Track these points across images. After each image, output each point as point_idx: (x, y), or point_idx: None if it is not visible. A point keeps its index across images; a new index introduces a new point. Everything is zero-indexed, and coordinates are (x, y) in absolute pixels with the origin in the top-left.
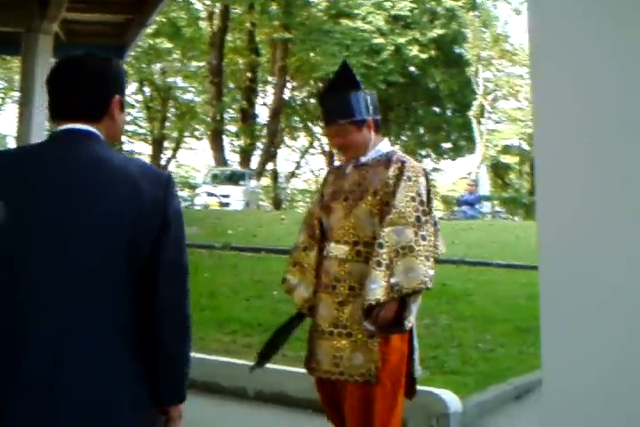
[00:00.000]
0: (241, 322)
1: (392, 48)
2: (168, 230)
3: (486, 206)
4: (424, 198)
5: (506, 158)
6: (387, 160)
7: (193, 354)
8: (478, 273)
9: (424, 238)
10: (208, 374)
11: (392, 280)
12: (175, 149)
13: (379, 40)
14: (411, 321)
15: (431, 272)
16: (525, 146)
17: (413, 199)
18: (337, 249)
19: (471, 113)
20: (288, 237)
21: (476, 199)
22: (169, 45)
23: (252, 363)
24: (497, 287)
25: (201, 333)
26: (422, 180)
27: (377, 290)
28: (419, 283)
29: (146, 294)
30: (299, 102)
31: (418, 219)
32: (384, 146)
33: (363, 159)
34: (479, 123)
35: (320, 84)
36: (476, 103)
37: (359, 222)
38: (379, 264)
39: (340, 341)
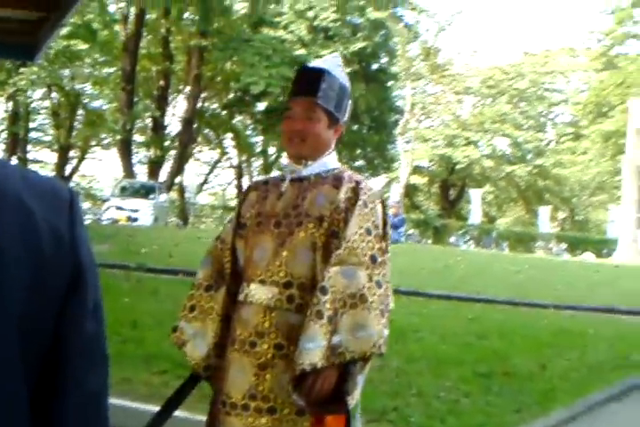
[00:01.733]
0: (171, 360)
1: (314, 59)
2: (80, 289)
3: None
4: (381, 231)
5: (414, 179)
6: (335, 178)
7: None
8: (419, 305)
9: (379, 285)
10: None
11: (335, 339)
12: (81, 159)
13: (300, 51)
14: (354, 398)
15: (386, 332)
16: (434, 167)
17: (369, 232)
18: (260, 292)
19: (397, 130)
20: None
21: (400, 222)
22: (83, 47)
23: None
24: (443, 322)
25: (127, 371)
26: (379, 208)
27: (314, 351)
28: (370, 346)
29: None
30: (211, 113)
31: (373, 259)
32: (332, 160)
33: (304, 171)
34: (408, 141)
35: (234, 96)
36: (402, 120)
37: (294, 257)
38: (319, 316)
39: (259, 418)
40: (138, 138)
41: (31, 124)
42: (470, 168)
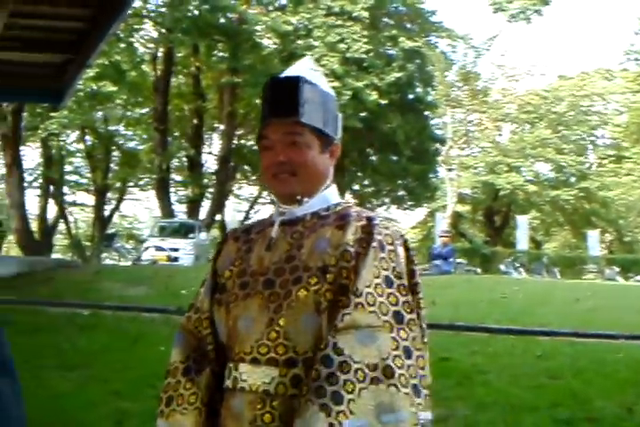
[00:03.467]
0: None
1: (349, 92)
2: None
3: None
4: (405, 282)
5: (458, 207)
6: (340, 217)
7: None
8: (481, 342)
9: (408, 353)
10: None
11: (349, 424)
12: (119, 200)
13: (334, 84)
14: None
15: (424, 416)
16: (477, 194)
17: (389, 282)
18: (254, 375)
19: (440, 159)
20: None
21: (450, 252)
22: (113, 88)
23: None
24: (511, 361)
25: None
26: (401, 250)
27: None
28: None
29: None
30: (247, 149)
31: (398, 317)
32: (333, 194)
33: (298, 211)
34: (450, 169)
35: None
36: (444, 148)
37: (296, 326)
38: (319, 393)
39: None
40: (176, 177)
41: (67, 168)
42: (514, 194)
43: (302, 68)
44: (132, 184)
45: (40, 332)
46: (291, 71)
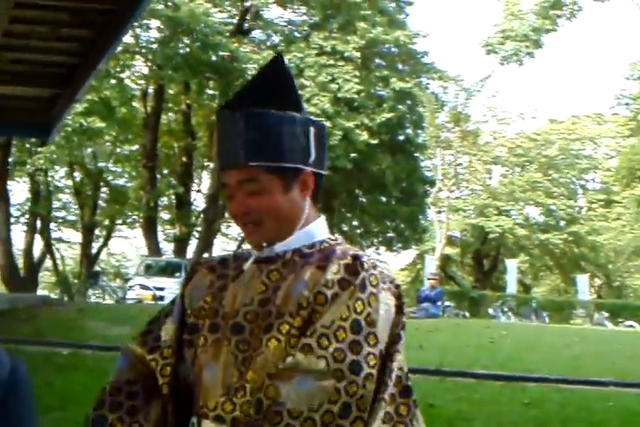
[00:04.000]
0: None
1: (340, 133)
2: None
3: None
4: (378, 332)
5: (446, 250)
6: (323, 255)
7: None
8: (468, 388)
9: (346, 413)
10: None
11: None
12: (107, 237)
13: (325, 124)
14: None
15: None
16: (466, 237)
17: (357, 328)
18: None
19: (429, 201)
20: None
21: (438, 295)
22: (101, 125)
23: None
24: (497, 409)
25: None
26: (386, 297)
27: None
28: None
29: None
30: None
31: (354, 367)
32: (319, 228)
33: (277, 247)
34: (439, 211)
35: None
36: (433, 190)
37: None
38: None
39: None
40: (165, 215)
41: (55, 204)
42: (503, 237)
43: (284, 80)
44: (120, 222)
45: None
46: (266, 88)
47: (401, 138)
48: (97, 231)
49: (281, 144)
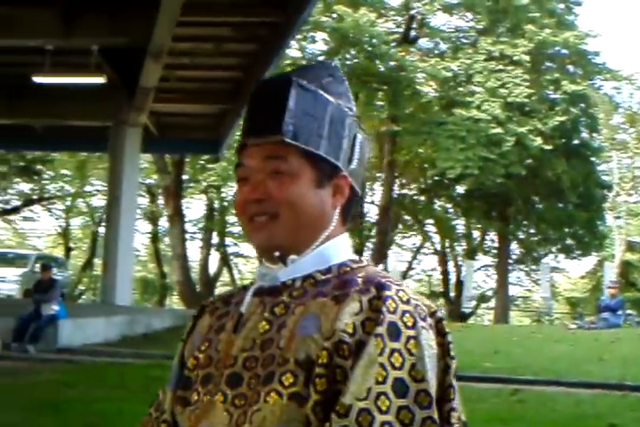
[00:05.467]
0: None
1: (512, 138)
2: None
3: None
4: (430, 387)
5: (626, 256)
6: (341, 282)
7: None
8: None
9: None
10: None
11: None
12: None
13: (496, 130)
14: None
15: None
16: None
17: (402, 389)
18: None
19: (607, 205)
20: None
21: (618, 304)
22: None
23: None
24: None
25: None
26: (427, 336)
27: None
28: None
29: None
30: (409, 199)
31: None
32: (339, 247)
33: (282, 274)
34: (618, 217)
35: (431, 180)
36: (610, 194)
37: None
38: None
39: None
40: None
41: (231, 219)
42: None
43: (310, 71)
44: None
45: None
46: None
47: (575, 142)
48: None
49: (325, 132)
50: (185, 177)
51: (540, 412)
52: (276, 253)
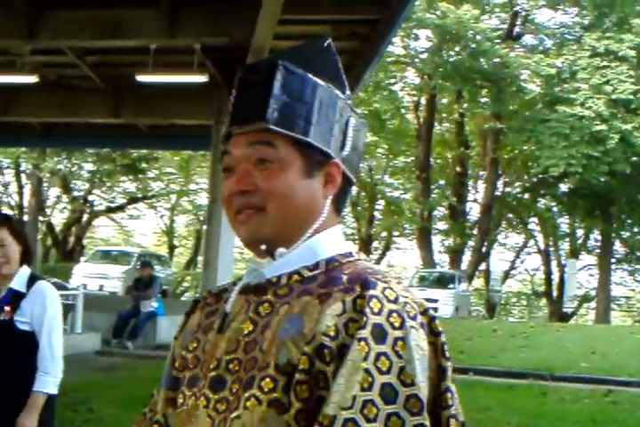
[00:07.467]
0: None
1: (617, 136)
2: None
3: None
4: (421, 391)
5: None
6: (329, 277)
7: None
8: None
9: None
10: None
11: None
12: (385, 249)
13: (600, 127)
14: None
15: None
16: None
17: (390, 395)
18: None
19: None
20: (501, 354)
21: None
22: (373, 139)
23: None
24: None
25: None
26: (419, 336)
27: None
28: None
29: None
30: (512, 197)
31: None
32: (328, 240)
33: (268, 271)
34: None
35: (535, 178)
36: None
37: None
38: None
39: None
40: (441, 226)
41: None
42: None
43: (298, 51)
44: (397, 234)
45: None
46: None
47: None
48: (375, 244)
49: (314, 117)
50: None
51: (633, 414)
52: (263, 247)
